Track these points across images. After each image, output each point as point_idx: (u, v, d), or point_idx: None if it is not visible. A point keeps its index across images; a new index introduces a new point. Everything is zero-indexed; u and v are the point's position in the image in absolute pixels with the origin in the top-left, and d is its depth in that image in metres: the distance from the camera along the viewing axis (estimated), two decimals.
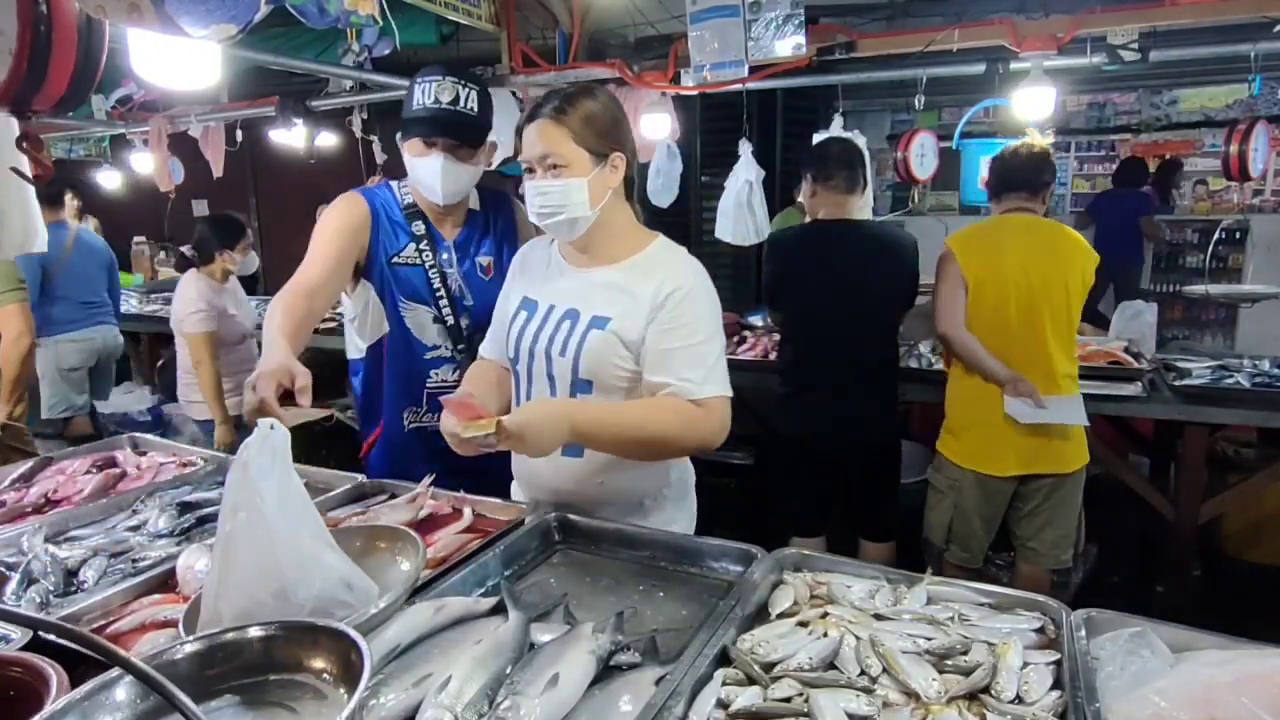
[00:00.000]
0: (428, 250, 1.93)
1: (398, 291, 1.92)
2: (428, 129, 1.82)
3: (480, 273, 2.01)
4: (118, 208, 8.75)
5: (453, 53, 5.47)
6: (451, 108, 1.82)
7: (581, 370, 1.60)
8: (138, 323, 5.36)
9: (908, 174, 4.09)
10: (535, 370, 1.67)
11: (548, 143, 1.55)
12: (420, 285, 1.93)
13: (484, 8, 4.28)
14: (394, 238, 1.92)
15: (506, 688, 1.05)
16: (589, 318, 1.60)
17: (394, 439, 2.03)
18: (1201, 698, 1.03)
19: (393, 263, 1.91)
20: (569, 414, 1.49)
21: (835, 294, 2.82)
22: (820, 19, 3.74)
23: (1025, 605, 1.29)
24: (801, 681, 1.10)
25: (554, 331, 1.63)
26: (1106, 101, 8.30)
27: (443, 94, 1.81)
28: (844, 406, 2.83)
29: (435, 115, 1.81)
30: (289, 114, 4.71)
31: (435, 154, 1.83)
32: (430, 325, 1.95)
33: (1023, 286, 2.63)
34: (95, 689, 0.94)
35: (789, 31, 3.36)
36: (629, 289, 1.59)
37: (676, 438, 1.57)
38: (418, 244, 1.93)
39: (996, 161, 2.79)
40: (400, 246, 1.92)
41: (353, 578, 1.19)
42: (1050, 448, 2.65)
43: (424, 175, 1.87)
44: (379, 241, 1.91)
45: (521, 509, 1.68)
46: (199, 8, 1.45)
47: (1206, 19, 3.15)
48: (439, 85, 1.81)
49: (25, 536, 1.57)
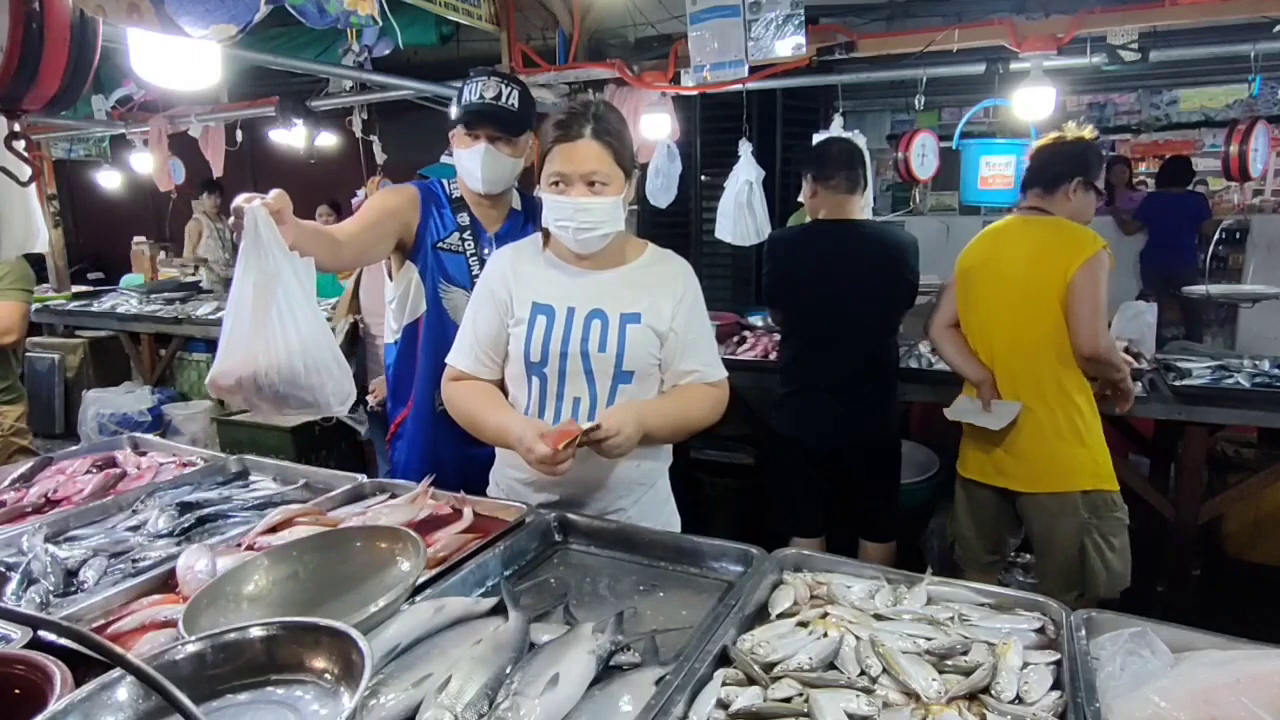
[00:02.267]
0: (470, 240, 2.08)
1: (439, 275, 2.05)
2: (472, 120, 2.00)
3: None
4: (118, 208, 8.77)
5: (453, 53, 5.48)
6: (494, 103, 2.00)
7: (625, 363, 1.72)
8: (138, 323, 5.36)
9: (909, 174, 4.09)
10: (568, 370, 1.72)
11: (596, 162, 1.65)
12: (461, 271, 2.06)
13: (484, 8, 4.29)
14: (441, 225, 2.07)
15: (506, 688, 1.05)
16: (619, 315, 1.72)
17: (423, 419, 2.10)
18: (1201, 698, 1.03)
19: (437, 247, 2.05)
20: (641, 414, 1.64)
21: (835, 294, 2.81)
22: (820, 19, 3.75)
23: (1025, 605, 1.29)
24: (801, 681, 1.10)
25: (585, 331, 1.71)
26: (1106, 101, 8.30)
27: (487, 91, 1.99)
28: (844, 406, 2.83)
29: (480, 109, 1.99)
30: (289, 114, 4.71)
31: (479, 144, 2.00)
32: (465, 309, 2.05)
33: (1014, 290, 2.52)
34: (97, 689, 0.94)
35: (789, 31, 3.37)
36: (649, 287, 1.76)
37: (707, 417, 1.79)
38: (462, 233, 2.08)
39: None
40: (446, 233, 2.07)
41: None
42: (1007, 460, 2.52)
43: (468, 163, 2.02)
44: (427, 226, 2.05)
45: (521, 509, 1.68)
46: (198, 8, 1.45)
47: (1206, 19, 3.15)
48: (484, 83, 2.00)
49: (25, 536, 1.57)
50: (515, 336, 1.74)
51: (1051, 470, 2.48)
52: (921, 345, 3.51)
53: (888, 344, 2.93)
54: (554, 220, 1.68)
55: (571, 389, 1.74)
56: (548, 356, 1.72)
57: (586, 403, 1.73)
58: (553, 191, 1.67)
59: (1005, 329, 2.56)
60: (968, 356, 2.66)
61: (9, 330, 2.92)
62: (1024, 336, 2.51)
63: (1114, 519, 2.47)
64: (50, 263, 6.44)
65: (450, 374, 1.81)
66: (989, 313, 2.60)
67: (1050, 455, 2.47)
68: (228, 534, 1.62)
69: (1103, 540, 2.45)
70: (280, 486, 1.90)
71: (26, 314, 3.02)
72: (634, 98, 4.18)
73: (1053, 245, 2.46)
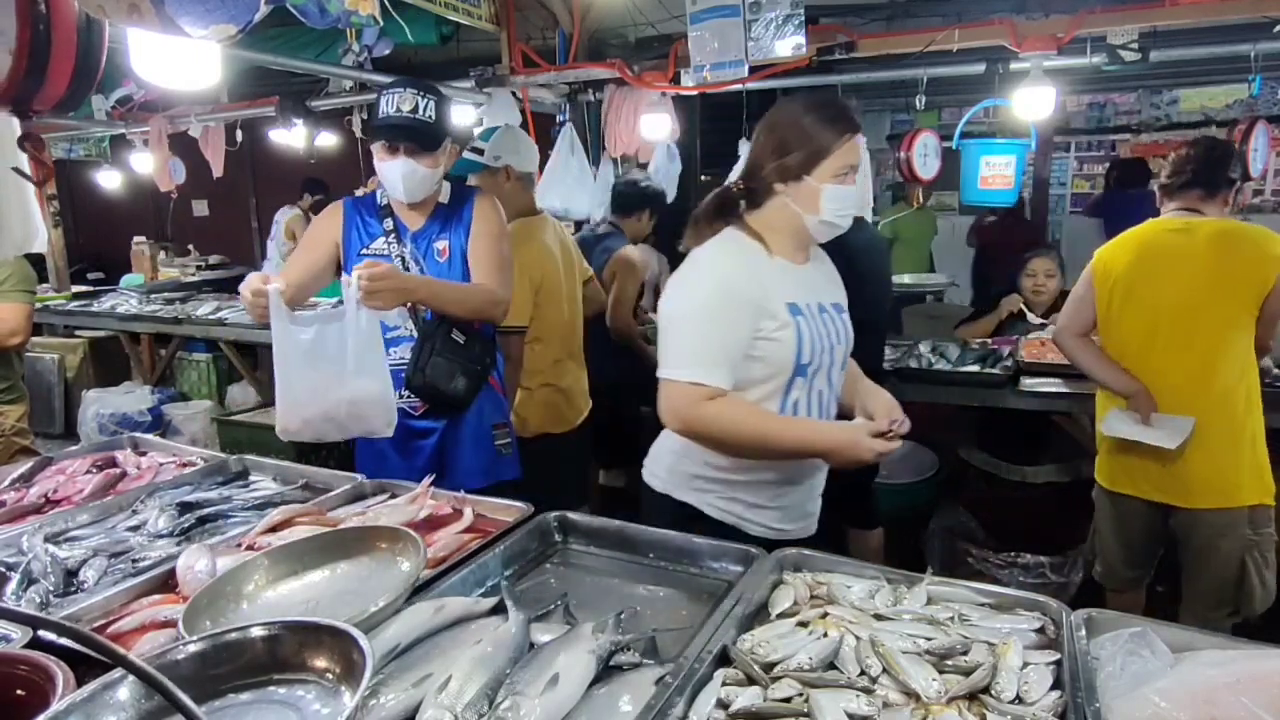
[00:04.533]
0: (394, 242, 2.14)
1: None
2: (390, 135, 2.03)
3: (436, 255, 2.18)
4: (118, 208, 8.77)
5: (453, 53, 5.47)
6: (411, 116, 2.03)
7: (848, 351, 1.77)
8: (138, 323, 5.35)
9: (911, 174, 4.08)
10: (824, 365, 1.70)
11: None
12: None
13: (484, 8, 4.29)
14: (364, 233, 2.16)
15: (506, 688, 1.05)
16: (833, 305, 1.75)
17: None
18: (1201, 698, 1.03)
19: (362, 254, 2.13)
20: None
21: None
22: (820, 19, 3.75)
23: (1025, 605, 1.29)
24: (801, 681, 1.10)
25: (829, 324, 1.72)
26: (1106, 101, 8.29)
27: (404, 104, 2.01)
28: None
29: (397, 123, 2.02)
30: (289, 114, 4.71)
31: (398, 158, 2.04)
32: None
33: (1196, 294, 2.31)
34: (98, 689, 0.94)
35: (789, 31, 3.37)
36: (833, 278, 1.83)
37: None
38: (387, 237, 2.15)
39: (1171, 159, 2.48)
40: (371, 240, 2.15)
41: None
42: (1165, 473, 2.34)
43: (388, 175, 2.08)
44: (350, 237, 2.15)
45: (521, 509, 1.68)
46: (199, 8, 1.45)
47: (1206, 19, 3.15)
48: (400, 96, 2.02)
49: (25, 536, 1.57)
50: (783, 341, 1.61)
51: (1218, 485, 2.31)
52: (921, 345, 3.51)
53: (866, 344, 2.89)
54: (837, 212, 1.63)
55: (819, 384, 1.72)
56: (815, 356, 1.66)
57: (828, 397, 1.74)
58: (842, 183, 1.62)
59: (1179, 336, 2.35)
60: (1111, 366, 2.45)
61: (15, 331, 2.92)
62: (1203, 343, 2.33)
63: (1268, 534, 2.35)
64: (50, 263, 6.43)
65: (703, 394, 1.56)
66: (1155, 320, 2.37)
67: (1218, 469, 2.31)
68: (228, 534, 1.62)
69: (1262, 557, 2.34)
70: (280, 486, 1.90)
71: (30, 315, 3.02)
72: (634, 98, 4.18)
73: (1244, 247, 2.30)
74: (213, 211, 9.18)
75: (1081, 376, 2.99)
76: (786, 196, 1.63)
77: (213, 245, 8.65)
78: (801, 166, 1.60)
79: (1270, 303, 2.28)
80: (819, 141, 1.60)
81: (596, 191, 4.24)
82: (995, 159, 3.97)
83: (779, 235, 1.68)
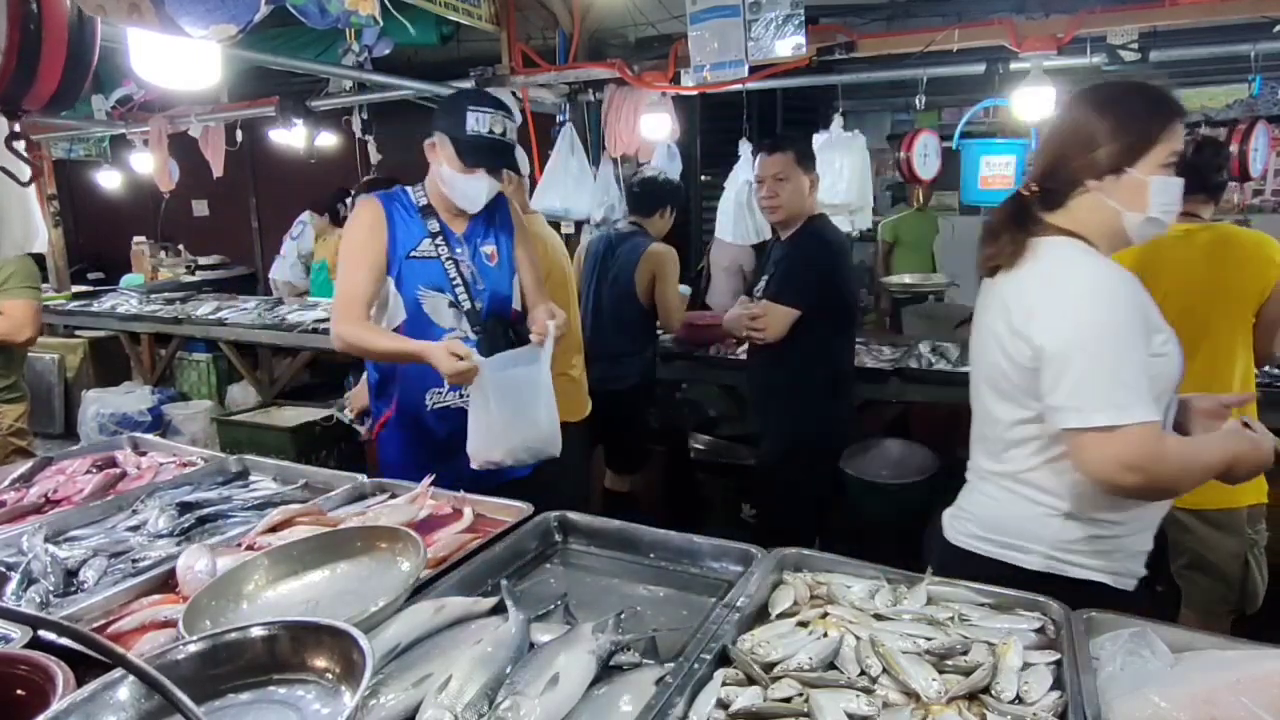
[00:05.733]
0: (442, 244, 2.15)
1: (417, 281, 2.12)
2: (483, 158, 2.09)
3: (487, 260, 2.22)
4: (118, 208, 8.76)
5: (453, 53, 5.47)
6: (501, 139, 2.11)
7: None
8: (138, 323, 5.35)
9: (911, 174, 4.08)
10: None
11: None
12: (438, 275, 2.13)
13: (484, 8, 4.28)
14: (410, 235, 2.14)
15: (506, 688, 1.05)
16: None
17: (412, 417, 2.17)
18: (1201, 698, 1.03)
19: (410, 256, 2.13)
20: None
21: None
22: (820, 19, 3.74)
23: (1025, 605, 1.29)
24: (801, 681, 1.10)
25: None
26: None
27: (494, 126, 2.08)
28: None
29: (490, 145, 2.09)
30: (289, 114, 4.71)
31: (479, 175, 2.10)
32: (446, 310, 2.14)
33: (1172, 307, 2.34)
34: (99, 689, 0.94)
35: (789, 31, 3.36)
36: None
37: None
38: (433, 239, 2.15)
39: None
40: (416, 241, 2.14)
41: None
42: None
43: (467, 189, 2.12)
44: (395, 238, 2.13)
45: (521, 509, 1.68)
46: (199, 8, 1.45)
47: (1206, 19, 3.15)
48: (492, 118, 2.08)
49: (25, 536, 1.57)
50: (1170, 355, 1.45)
51: (1220, 486, 2.37)
52: (921, 345, 3.51)
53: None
54: (1164, 206, 1.43)
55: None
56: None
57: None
58: (1169, 173, 1.43)
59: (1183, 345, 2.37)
60: None
61: (24, 327, 2.92)
62: (1207, 351, 2.27)
63: (1262, 530, 2.35)
64: (50, 263, 6.43)
65: (1156, 432, 1.34)
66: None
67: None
68: (228, 534, 1.62)
69: (1261, 555, 2.33)
70: (280, 486, 1.90)
71: (39, 311, 3.02)
72: (634, 98, 4.17)
73: (1242, 253, 2.27)
74: (213, 211, 9.18)
75: None
76: (1101, 193, 1.42)
77: (213, 245, 8.65)
78: (1123, 157, 1.41)
79: (1268, 308, 2.27)
80: (1143, 128, 1.41)
81: (596, 191, 4.24)
82: (995, 159, 3.98)
83: (1093, 238, 1.45)
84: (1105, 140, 1.41)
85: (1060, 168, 1.46)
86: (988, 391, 1.54)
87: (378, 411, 2.26)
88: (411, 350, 1.98)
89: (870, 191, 3.98)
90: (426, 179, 2.20)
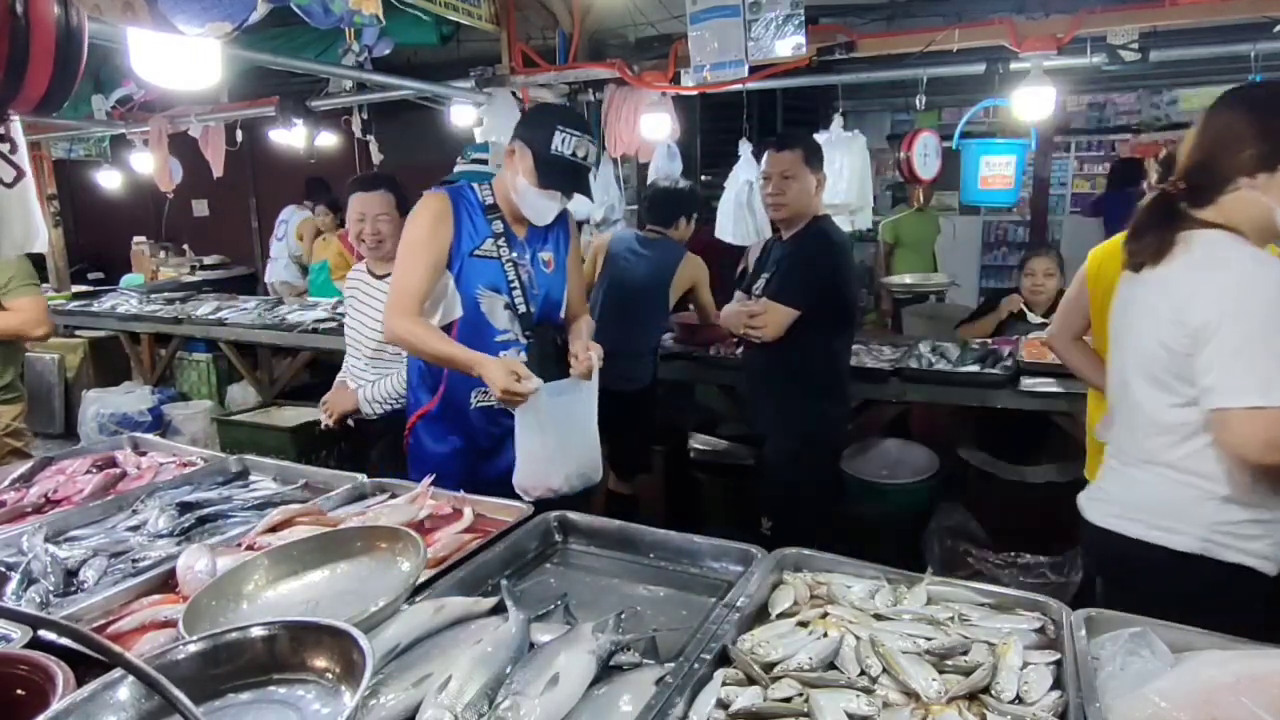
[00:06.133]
0: (504, 246, 2.14)
1: (477, 280, 2.11)
2: (562, 180, 2.08)
3: (544, 266, 2.22)
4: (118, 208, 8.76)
5: (453, 53, 5.47)
6: (584, 162, 2.10)
7: None
8: (138, 323, 5.35)
9: (911, 174, 4.08)
10: None
11: None
12: (496, 276, 2.13)
13: (484, 8, 4.28)
14: (474, 232, 2.13)
15: (506, 688, 1.05)
16: None
17: (454, 414, 2.17)
18: (1201, 698, 1.03)
19: (473, 254, 2.12)
20: None
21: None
22: (820, 19, 3.75)
23: (1025, 605, 1.29)
24: (801, 681, 1.10)
25: None
26: (1106, 101, 8.29)
27: (579, 150, 2.07)
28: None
29: (571, 168, 2.08)
30: (289, 114, 4.70)
31: (554, 194, 2.10)
32: (501, 311, 2.13)
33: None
34: (99, 689, 0.94)
35: (789, 31, 3.36)
36: None
37: None
38: (496, 240, 2.14)
39: None
40: (480, 240, 2.13)
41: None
42: None
43: (538, 204, 2.11)
44: (460, 235, 2.11)
45: (521, 509, 1.68)
46: (194, 6, 1.45)
47: (1206, 19, 3.15)
48: (577, 141, 2.06)
49: (25, 536, 1.57)
50: None
51: None
52: (921, 345, 3.50)
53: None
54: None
55: None
56: None
57: None
58: None
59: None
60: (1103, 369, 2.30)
61: (38, 322, 2.93)
62: None
63: None
64: (50, 263, 6.44)
65: None
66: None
67: None
68: (228, 534, 1.62)
69: None
70: (280, 486, 1.90)
71: (46, 306, 3.03)
72: (634, 98, 4.17)
73: None
74: (213, 212, 9.18)
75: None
76: (1255, 189, 1.45)
77: (213, 245, 8.66)
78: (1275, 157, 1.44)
79: None
80: None
81: (597, 192, 4.24)
82: (995, 159, 3.97)
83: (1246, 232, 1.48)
84: (1256, 140, 1.45)
85: (1211, 165, 1.50)
86: (1139, 381, 1.59)
87: (416, 403, 2.25)
88: (465, 360, 1.97)
89: (870, 191, 3.97)
90: (494, 179, 2.19)
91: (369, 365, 2.79)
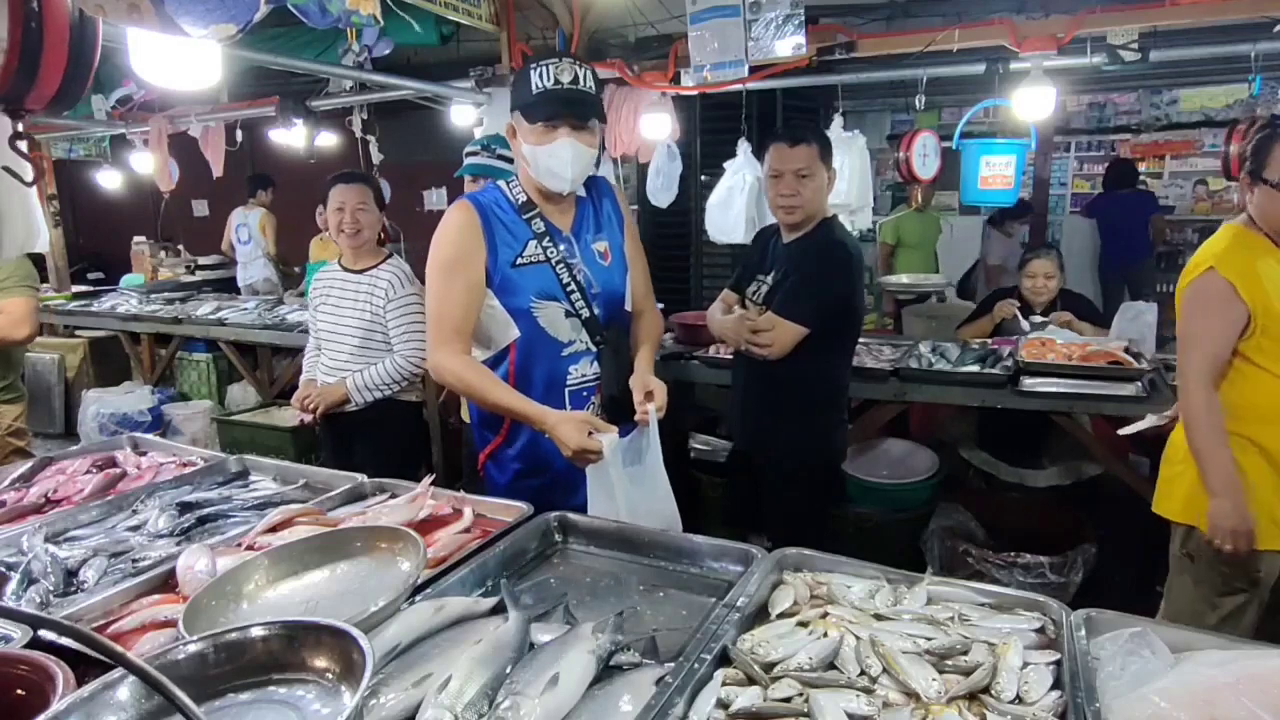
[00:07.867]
0: (550, 245, 1.87)
1: (528, 292, 1.86)
2: (553, 109, 1.76)
3: (599, 259, 1.95)
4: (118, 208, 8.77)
5: (453, 53, 5.47)
6: (573, 86, 1.77)
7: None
8: (138, 323, 5.36)
9: (910, 174, 4.08)
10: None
11: None
12: (548, 282, 1.87)
13: (484, 8, 4.29)
14: (513, 240, 1.86)
15: (506, 688, 1.05)
16: None
17: (529, 444, 1.93)
18: (1202, 698, 1.03)
19: (516, 265, 1.86)
20: None
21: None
22: (820, 19, 3.75)
23: (1025, 605, 1.29)
24: (801, 681, 1.10)
25: None
26: (1106, 101, 8.30)
27: (562, 74, 1.75)
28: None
29: (558, 94, 1.76)
30: (289, 114, 4.71)
31: (562, 137, 1.78)
32: (563, 321, 1.88)
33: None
34: (99, 688, 0.94)
35: (789, 31, 3.37)
36: None
37: None
38: (539, 241, 1.87)
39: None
40: (521, 247, 1.86)
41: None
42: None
43: (550, 161, 1.80)
44: (496, 250, 1.85)
45: (521, 509, 1.68)
46: (199, 7, 1.45)
47: (1206, 19, 3.15)
48: (556, 66, 1.76)
49: (25, 536, 1.57)
50: None
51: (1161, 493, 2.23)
52: (921, 345, 3.51)
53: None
54: None
55: None
56: None
57: None
58: None
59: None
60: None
61: (21, 324, 2.92)
62: None
63: None
64: (50, 263, 6.44)
65: None
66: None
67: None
68: (228, 534, 1.62)
69: None
70: (280, 486, 1.90)
71: (36, 309, 3.02)
72: (634, 98, 4.17)
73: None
74: (213, 212, 9.18)
75: (1080, 377, 3.00)
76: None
77: (213, 245, 8.65)
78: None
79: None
80: None
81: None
82: (995, 159, 3.97)
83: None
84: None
85: None
86: None
87: (483, 440, 2.01)
88: (530, 415, 1.76)
89: (870, 191, 3.97)
90: (519, 173, 1.95)
91: (354, 357, 2.79)
